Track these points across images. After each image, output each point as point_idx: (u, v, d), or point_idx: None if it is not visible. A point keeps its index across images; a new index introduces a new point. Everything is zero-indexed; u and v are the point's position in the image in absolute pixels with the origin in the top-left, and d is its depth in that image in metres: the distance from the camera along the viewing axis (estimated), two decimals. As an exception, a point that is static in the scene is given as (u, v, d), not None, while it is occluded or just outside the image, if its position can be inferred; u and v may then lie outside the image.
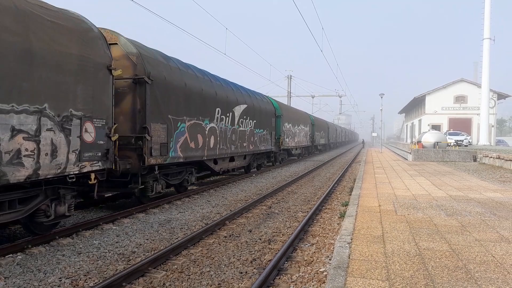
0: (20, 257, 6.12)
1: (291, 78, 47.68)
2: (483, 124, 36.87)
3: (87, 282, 5.24)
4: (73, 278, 5.35)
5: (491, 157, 21.16)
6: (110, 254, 6.43)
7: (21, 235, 7.46)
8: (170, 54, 11.54)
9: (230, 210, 10.08)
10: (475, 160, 24.13)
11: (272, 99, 24.11)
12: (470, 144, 36.94)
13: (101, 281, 5.19)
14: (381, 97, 38.84)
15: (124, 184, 9.47)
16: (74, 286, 5.11)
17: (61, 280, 5.25)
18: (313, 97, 56.00)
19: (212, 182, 15.31)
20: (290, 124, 26.33)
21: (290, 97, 46.93)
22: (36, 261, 5.98)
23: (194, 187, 13.72)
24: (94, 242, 7.04)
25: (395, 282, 4.14)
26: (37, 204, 6.61)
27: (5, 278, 5.28)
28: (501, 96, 50.14)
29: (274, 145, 21.93)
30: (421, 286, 4.02)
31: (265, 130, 19.92)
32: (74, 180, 7.03)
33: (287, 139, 25.49)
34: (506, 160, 18.71)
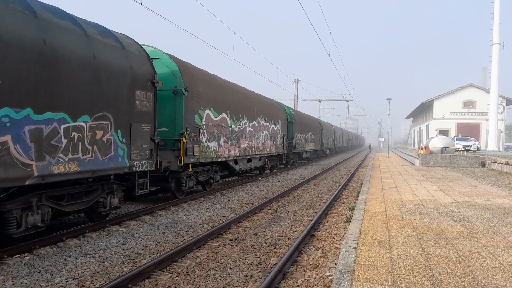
0: (27, 257, 6.18)
1: (298, 82, 47.69)
2: (492, 129, 36.53)
3: (93, 283, 5.28)
4: (80, 279, 5.39)
5: (500, 163, 20.95)
6: (116, 255, 6.46)
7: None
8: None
9: (236, 213, 10.08)
10: (483, 166, 23.91)
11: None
12: (479, 150, 36.61)
13: (107, 282, 5.22)
14: (389, 102, 38.70)
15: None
16: (81, 287, 5.15)
17: (67, 281, 5.29)
18: (320, 101, 55.95)
19: (219, 185, 15.33)
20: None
21: (297, 101, 46.93)
22: (43, 261, 6.03)
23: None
24: (101, 243, 7.08)
25: (401, 287, 4.12)
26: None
27: (12, 278, 5.33)
28: (510, 102, 49.71)
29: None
30: (427, 292, 3.99)
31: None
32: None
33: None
34: (515, 166, 18.51)
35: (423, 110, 61.72)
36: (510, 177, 17.01)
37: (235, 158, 14.65)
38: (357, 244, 5.81)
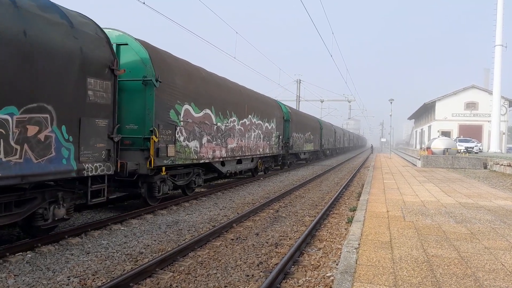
0: (29, 255, 6.20)
1: (300, 82, 47.68)
2: (494, 131, 36.46)
3: (95, 281, 5.29)
4: (81, 277, 5.40)
5: (502, 165, 20.90)
6: (118, 254, 6.48)
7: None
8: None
9: (238, 213, 10.09)
10: (485, 168, 23.86)
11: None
12: (481, 151, 36.54)
13: (108, 280, 5.24)
14: (391, 103, 38.67)
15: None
16: (82, 285, 5.16)
17: (69, 279, 5.30)
18: (322, 101, 55.90)
19: (220, 185, 15.33)
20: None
21: (299, 101, 46.92)
22: (45, 259, 6.05)
23: (203, 189, 13.76)
24: (103, 242, 7.10)
25: (402, 288, 4.12)
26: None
27: (14, 276, 5.35)
28: (512, 103, 49.54)
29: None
30: (428, 293, 3.99)
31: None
32: None
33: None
34: (517, 168, 18.48)
35: (425, 111, 61.61)
36: (512, 179, 16.97)
37: (221, 159, 13.28)
38: (359, 244, 5.80)
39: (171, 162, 10.01)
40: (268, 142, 18.79)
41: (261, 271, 5.85)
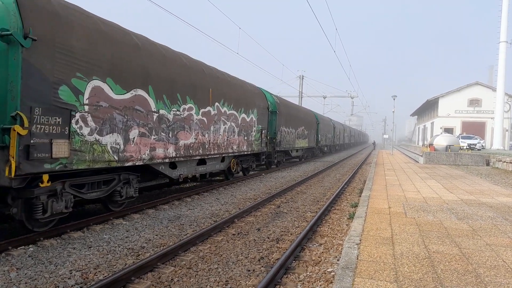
0: (31, 249, 6.23)
1: (303, 78, 47.56)
2: (497, 128, 36.29)
3: (96, 275, 5.32)
4: (83, 271, 5.43)
5: (505, 162, 20.83)
6: (119, 248, 6.50)
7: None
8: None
9: (239, 208, 10.11)
10: (488, 164, 23.79)
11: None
12: (483, 148, 36.42)
13: (110, 274, 5.26)
14: (394, 99, 38.52)
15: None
16: (84, 278, 5.19)
17: (71, 273, 5.33)
18: (324, 97, 55.75)
19: (221, 181, 15.34)
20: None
21: (302, 97, 46.82)
22: (47, 253, 6.08)
23: (198, 187, 13.76)
24: (105, 236, 7.13)
25: (403, 284, 4.12)
26: None
27: (17, 269, 5.38)
28: (516, 100, 49.27)
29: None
30: (429, 289, 3.99)
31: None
32: None
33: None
34: (520, 165, 18.41)
35: (428, 108, 61.42)
36: (515, 176, 16.92)
37: (169, 159, 9.84)
38: (360, 240, 5.80)
39: (62, 165, 6.62)
40: (246, 138, 15.27)
41: (262, 266, 5.86)
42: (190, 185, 14.09)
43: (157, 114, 9.28)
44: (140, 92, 8.61)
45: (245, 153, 15.50)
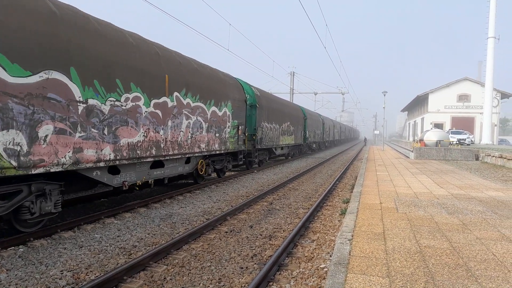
0: (22, 249, 6.16)
1: (294, 74, 47.60)
2: (486, 123, 36.75)
3: (88, 275, 5.27)
4: (75, 271, 5.38)
5: (494, 156, 21.10)
6: (111, 248, 6.46)
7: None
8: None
9: (231, 206, 10.10)
10: (477, 159, 24.07)
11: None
12: (473, 143, 36.84)
13: (102, 274, 5.22)
14: (384, 95, 38.74)
15: None
16: (76, 279, 5.14)
17: (62, 273, 5.28)
18: (315, 94, 55.90)
19: (213, 178, 15.31)
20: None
21: (293, 93, 46.87)
22: (37, 254, 6.01)
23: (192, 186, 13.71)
24: (96, 235, 7.07)
25: (395, 279, 4.15)
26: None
27: (7, 270, 5.31)
28: (504, 95, 49.95)
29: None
30: (421, 283, 4.02)
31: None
32: None
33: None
34: (509, 159, 18.66)
35: (418, 103, 61.91)
36: (504, 170, 17.15)
37: (106, 163, 7.77)
38: (352, 236, 5.83)
39: None
40: (217, 135, 13.16)
41: (255, 263, 5.86)
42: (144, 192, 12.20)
43: (84, 105, 7.15)
44: (56, 75, 6.51)
45: (218, 152, 13.32)
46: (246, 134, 16.36)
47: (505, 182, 12.98)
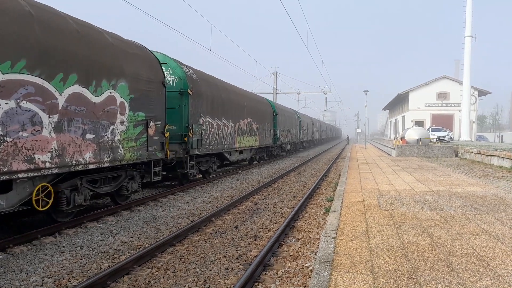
0: (0, 256, 6.00)
1: (276, 74, 47.76)
2: (465, 120, 37.60)
3: (70, 281, 5.17)
4: (56, 277, 5.27)
5: (472, 153, 21.60)
6: (94, 252, 6.35)
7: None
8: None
9: (216, 207, 10.06)
10: (456, 156, 24.60)
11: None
12: (452, 140, 37.65)
13: (84, 280, 5.13)
14: (366, 94, 39.24)
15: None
16: (57, 285, 5.03)
17: (43, 280, 5.16)
18: (298, 93, 56.22)
19: (197, 179, 15.22)
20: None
21: (276, 93, 47.02)
22: (17, 260, 5.87)
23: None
24: (78, 240, 6.94)
25: (379, 275, 4.20)
26: None
27: (-15, 278, 5.16)
28: (481, 93, 51.25)
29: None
30: (404, 279, 4.08)
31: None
32: None
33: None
34: (487, 155, 19.13)
35: (399, 102, 62.91)
36: (482, 166, 17.58)
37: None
38: (336, 234, 5.88)
39: None
40: (92, 136, 7.84)
41: (240, 264, 5.85)
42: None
43: None
44: None
45: (94, 166, 7.91)
46: (167, 135, 10.73)
47: (483, 177, 13.30)
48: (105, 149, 8.26)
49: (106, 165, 8.32)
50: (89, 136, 7.76)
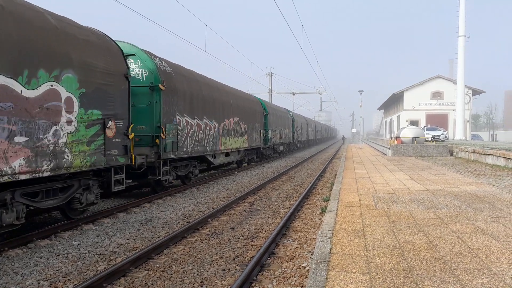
0: (-4, 260, 5.96)
1: (272, 75, 47.80)
2: (459, 119, 37.84)
3: (66, 284, 5.15)
4: (52, 280, 5.24)
5: (467, 151, 21.73)
6: (90, 254, 6.32)
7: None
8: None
9: (213, 208, 10.05)
10: (451, 155, 24.74)
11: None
12: (447, 139, 37.86)
13: (81, 282, 5.10)
14: (361, 94, 39.36)
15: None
16: (53, 288, 5.01)
17: (39, 283, 5.13)
18: (294, 94, 56.32)
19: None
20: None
21: (271, 94, 47.06)
22: (13, 263, 5.83)
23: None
24: (74, 243, 6.91)
25: (375, 275, 4.21)
26: None
27: (-20, 282, 5.12)
28: (475, 92, 51.62)
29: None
30: (400, 278, 4.10)
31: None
32: None
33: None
34: (481, 154, 19.26)
35: (394, 101, 63.18)
36: (477, 165, 17.69)
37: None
38: (332, 234, 5.90)
39: None
40: (24, 140, 6.27)
41: (237, 265, 5.85)
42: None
43: None
44: None
45: (25, 177, 6.30)
46: (131, 136, 9.24)
47: (478, 176, 13.39)
48: (44, 155, 6.64)
49: (46, 174, 6.67)
50: (19, 139, 6.13)
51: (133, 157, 9.40)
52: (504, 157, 16.48)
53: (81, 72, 7.51)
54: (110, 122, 8.40)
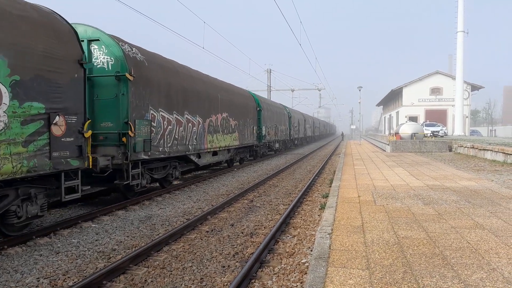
0: (-5, 258, 5.96)
1: (270, 72, 47.72)
2: (458, 115, 37.83)
3: (66, 281, 5.15)
4: (52, 278, 5.24)
5: (466, 147, 21.75)
6: (89, 252, 6.32)
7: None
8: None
9: (212, 205, 10.05)
10: (450, 150, 24.76)
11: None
12: (446, 135, 37.88)
13: (80, 280, 5.11)
14: (359, 90, 39.35)
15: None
16: (53, 286, 5.01)
17: (39, 281, 5.14)
18: (292, 90, 56.21)
19: (194, 178, 15.19)
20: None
21: (270, 91, 47.01)
22: (12, 261, 5.83)
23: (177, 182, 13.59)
24: (73, 240, 6.91)
25: (375, 270, 4.22)
26: None
27: (-20, 280, 5.12)
28: (474, 88, 51.60)
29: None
30: (399, 274, 4.11)
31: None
32: None
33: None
34: (480, 149, 19.28)
35: (393, 97, 63.17)
36: (476, 160, 17.71)
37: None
38: (332, 230, 5.90)
39: None
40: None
41: (237, 261, 5.86)
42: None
43: None
44: None
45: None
46: (87, 135, 7.70)
47: (477, 171, 13.40)
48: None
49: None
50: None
51: (90, 159, 7.84)
52: (503, 153, 16.50)
53: (13, 55, 6.02)
54: (57, 117, 6.87)
